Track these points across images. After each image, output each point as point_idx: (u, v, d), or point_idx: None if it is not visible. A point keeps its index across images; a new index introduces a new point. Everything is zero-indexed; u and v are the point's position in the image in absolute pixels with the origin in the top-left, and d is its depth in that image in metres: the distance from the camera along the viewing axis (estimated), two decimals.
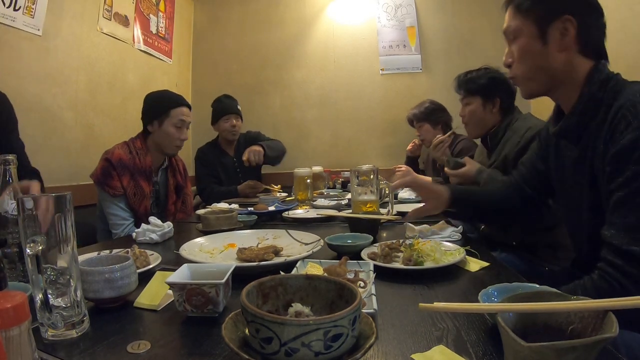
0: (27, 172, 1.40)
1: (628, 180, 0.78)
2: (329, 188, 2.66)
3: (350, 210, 1.51)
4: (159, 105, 1.86)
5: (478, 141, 2.02)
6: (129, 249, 0.98)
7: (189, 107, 1.94)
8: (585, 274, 0.85)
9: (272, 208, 1.76)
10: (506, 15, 1.02)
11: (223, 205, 1.94)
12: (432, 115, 2.57)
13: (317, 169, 2.51)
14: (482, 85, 1.77)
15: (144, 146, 1.84)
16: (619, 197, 0.80)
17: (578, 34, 0.91)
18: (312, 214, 1.67)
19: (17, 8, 1.79)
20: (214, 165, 2.70)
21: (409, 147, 2.93)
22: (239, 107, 2.76)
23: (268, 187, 2.46)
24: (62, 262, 0.60)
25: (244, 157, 2.41)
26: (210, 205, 2.03)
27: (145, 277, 0.81)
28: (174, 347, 0.59)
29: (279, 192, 2.41)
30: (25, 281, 0.72)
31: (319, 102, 3.44)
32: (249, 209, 1.70)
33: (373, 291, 0.69)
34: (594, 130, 0.89)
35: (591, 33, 0.92)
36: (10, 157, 0.86)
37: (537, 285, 0.66)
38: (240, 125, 2.76)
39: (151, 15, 2.93)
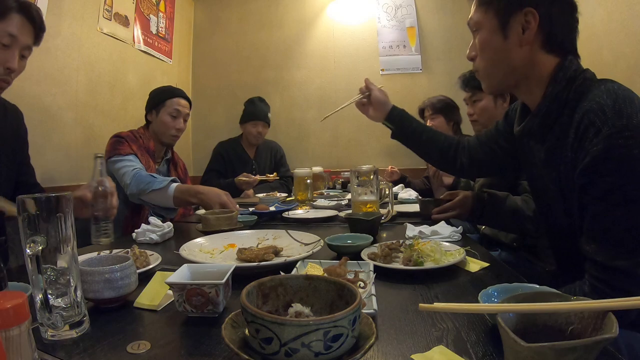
0: (31, 185, 1.41)
1: (604, 193, 0.75)
2: (329, 188, 2.66)
3: (351, 211, 1.52)
4: (157, 96, 1.99)
5: None
6: (129, 249, 0.98)
7: (187, 99, 2.04)
8: (570, 275, 0.85)
9: (272, 208, 1.76)
10: (472, 7, 0.98)
11: None
12: (448, 110, 2.52)
13: (317, 169, 2.51)
14: None
15: (145, 133, 1.96)
16: (596, 210, 0.77)
17: (541, 28, 0.86)
18: (312, 214, 1.68)
19: None
20: (230, 161, 2.72)
21: None
22: (269, 114, 2.84)
23: (263, 177, 2.48)
24: (62, 262, 0.60)
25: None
26: None
27: (145, 277, 0.81)
28: (174, 347, 0.59)
29: (276, 179, 2.53)
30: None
31: (319, 103, 3.44)
32: (250, 209, 1.70)
33: (373, 291, 0.69)
34: (559, 132, 0.85)
35: (556, 27, 0.87)
36: (101, 153, 1.16)
37: (537, 286, 0.66)
38: (266, 132, 2.85)
39: (151, 16, 2.93)
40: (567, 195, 0.86)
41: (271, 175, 2.53)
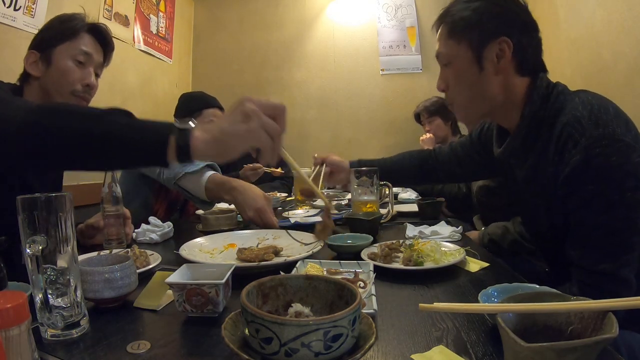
0: None
1: (585, 201, 0.76)
2: (329, 188, 2.66)
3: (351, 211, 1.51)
4: (195, 104, 1.99)
5: None
6: (129, 249, 0.98)
7: (221, 108, 2.07)
8: (564, 275, 0.85)
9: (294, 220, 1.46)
10: (437, 37, 0.96)
11: (223, 205, 1.94)
12: (444, 110, 2.52)
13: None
14: None
15: None
16: (578, 217, 0.79)
17: (514, 55, 0.87)
18: (312, 213, 1.67)
19: (17, 8, 1.79)
20: (233, 160, 2.72)
21: (424, 137, 2.72)
22: None
23: (268, 170, 2.48)
24: (62, 262, 0.60)
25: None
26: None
27: (145, 277, 0.81)
28: (174, 347, 0.59)
29: (281, 173, 2.51)
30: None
31: (319, 103, 3.44)
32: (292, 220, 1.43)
33: (373, 291, 0.69)
34: (540, 149, 0.86)
35: (527, 52, 0.88)
36: None
37: (537, 286, 0.66)
38: None
39: (151, 16, 2.93)
40: (551, 208, 0.87)
41: (276, 169, 2.53)
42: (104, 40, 1.23)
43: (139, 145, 0.65)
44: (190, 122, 0.67)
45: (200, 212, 1.59)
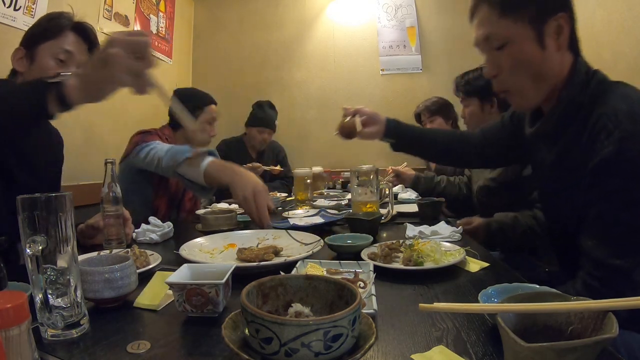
0: None
1: (609, 194, 0.76)
2: (329, 188, 2.66)
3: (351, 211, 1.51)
4: (196, 100, 1.98)
5: None
6: (129, 249, 0.98)
7: (216, 103, 2.08)
8: (571, 275, 0.85)
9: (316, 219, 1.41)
10: (480, 19, 0.89)
11: (223, 205, 1.94)
12: (445, 110, 2.53)
13: (317, 169, 2.51)
14: (479, 87, 1.77)
15: (172, 136, 1.90)
16: (600, 208, 0.78)
17: (571, 31, 0.85)
18: (312, 213, 1.67)
19: (17, 8, 1.79)
20: (232, 161, 2.72)
21: None
22: (276, 122, 2.86)
23: (268, 168, 2.49)
24: (62, 262, 0.60)
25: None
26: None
27: (145, 277, 0.81)
28: (174, 347, 0.59)
29: (280, 170, 2.56)
30: None
31: (319, 103, 3.44)
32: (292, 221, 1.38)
33: (373, 291, 0.69)
34: (573, 134, 0.84)
35: (575, 27, 0.86)
36: (111, 159, 1.14)
37: (537, 286, 0.66)
38: (271, 138, 2.87)
39: (151, 16, 2.93)
40: (575, 196, 0.85)
41: (276, 167, 2.53)
42: (88, 39, 1.24)
43: (24, 102, 0.75)
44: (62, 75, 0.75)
45: (200, 212, 1.59)
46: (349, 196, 1.81)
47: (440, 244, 0.98)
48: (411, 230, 1.26)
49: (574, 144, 0.84)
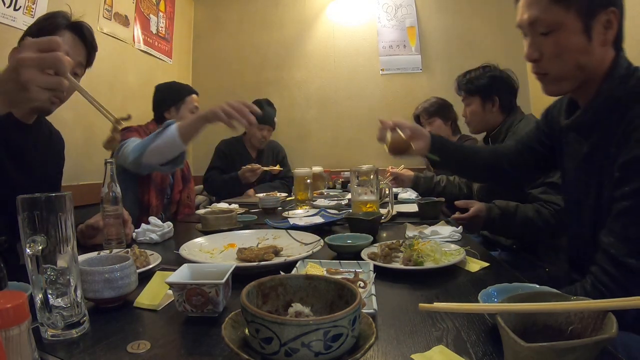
0: None
1: (635, 191, 0.76)
2: (329, 188, 2.66)
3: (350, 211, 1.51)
4: (177, 93, 2.02)
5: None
6: (129, 249, 0.98)
7: (197, 94, 2.12)
8: (579, 274, 0.85)
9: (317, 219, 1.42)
10: (528, 1, 0.89)
11: (223, 205, 1.94)
12: (443, 110, 2.54)
13: (317, 169, 2.51)
14: (480, 85, 1.77)
15: (157, 129, 1.87)
16: (623, 206, 0.77)
17: (619, 27, 0.84)
18: (312, 213, 1.67)
19: (17, 8, 1.79)
20: (232, 160, 2.72)
21: None
22: (275, 119, 2.85)
23: (267, 169, 2.49)
24: (62, 262, 0.60)
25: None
26: (212, 194, 2.17)
27: (145, 277, 0.81)
28: (174, 347, 0.59)
29: (280, 170, 2.58)
30: None
31: (319, 103, 3.44)
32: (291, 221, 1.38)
33: (373, 291, 0.69)
34: (608, 128, 0.84)
35: (623, 24, 0.86)
36: (111, 159, 1.17)
37: (537, 286, 0.66)
38: (270, 136, 2.86)
39: (151, 15, 2.93)
40: (602, 192, 0.85)
41: (275, 168, 2.53)
42: (85, 39, 1.22)
43: None
44: None
45: (200, 212, 1.59)
46: (349, 196, 1.81)
47: (440, 243, 0.98)
48: (411, 230, 1.26)
49: (608, 138, 0.84)
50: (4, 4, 1.74)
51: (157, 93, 2.09)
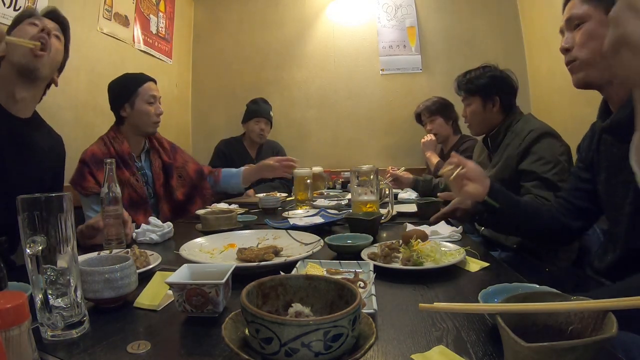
0: None
1: None
2: (329, 188, 2.66)
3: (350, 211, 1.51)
4: (127, 88, 1.84)
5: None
6: (129, 249, 0.98)
7: (155, 81, 1.92)
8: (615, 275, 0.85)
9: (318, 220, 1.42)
10: (568, 7, 1.02)
11: (223, 205, 1.94)
12: (445, 109, 2.52)
13: (317, 169, 2.51)
14: (481, 85, 1.76)
15: (117, 135, 1.80)
16: None
17: None
18: (312, 213, 1.67)
19: (17, 8, 1.79)
20: (231, 160, 2.71)
21: (425, 139, 2.72)
22: (271, 113, 2.87)
23: None
24: (62, 262, 0.60)
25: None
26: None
27: (145, 277, 0.81)
28: (174, 347, 0.59)
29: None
30: None
31: (319, 103, 3.44)
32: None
33: (373, 291, 0.69)
34: None
35: None
36: (111, 160, 1.18)
37: (537, 286, 0.66)
38: (269, 131, 2.87)
39: (151, 16, 2.93)
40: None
41: None
42: (54, 15, 1.35)
43: None
44: None
45: (200, 212, 1.59)
46: (349, 196, 1.81)
47: (440, 244, 0.98)
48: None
49: None
50: (4, 4, 1.74)
51: (108, 92, 1.89)
